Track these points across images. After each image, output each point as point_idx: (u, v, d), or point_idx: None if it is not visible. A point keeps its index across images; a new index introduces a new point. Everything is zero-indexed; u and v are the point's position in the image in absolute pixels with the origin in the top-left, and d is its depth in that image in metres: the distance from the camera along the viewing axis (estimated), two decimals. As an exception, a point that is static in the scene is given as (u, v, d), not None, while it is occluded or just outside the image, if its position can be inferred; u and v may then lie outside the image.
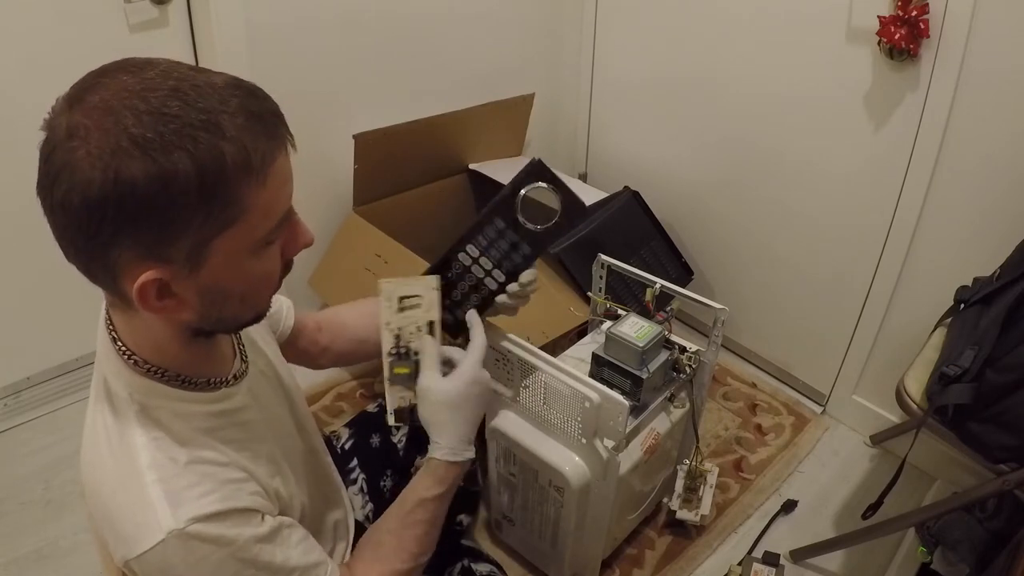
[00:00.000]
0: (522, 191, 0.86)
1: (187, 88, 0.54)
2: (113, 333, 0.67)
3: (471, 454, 0.85)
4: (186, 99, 0.53)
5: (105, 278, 0.58)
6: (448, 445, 0.83)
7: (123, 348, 0.66)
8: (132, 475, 0.62)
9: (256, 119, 0.56)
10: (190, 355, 0.68)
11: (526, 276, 0.90)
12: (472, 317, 0.90)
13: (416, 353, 0.87)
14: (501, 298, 0.92)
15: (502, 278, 0.90)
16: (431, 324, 0.87)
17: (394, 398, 0.88)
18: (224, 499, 0.64)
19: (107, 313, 0.68)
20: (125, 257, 0.56)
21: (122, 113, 0.52)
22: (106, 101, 0.52)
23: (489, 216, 0.88)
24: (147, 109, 0.52)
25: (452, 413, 0.83)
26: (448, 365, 0.86)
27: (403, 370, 0.87)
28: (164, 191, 0.52)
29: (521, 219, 0.87)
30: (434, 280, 0.87)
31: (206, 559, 0.62)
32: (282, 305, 0.97)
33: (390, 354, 0.87)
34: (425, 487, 0.82)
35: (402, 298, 0.87)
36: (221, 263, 0.59)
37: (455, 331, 0.94)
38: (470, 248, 0.89)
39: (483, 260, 0.89)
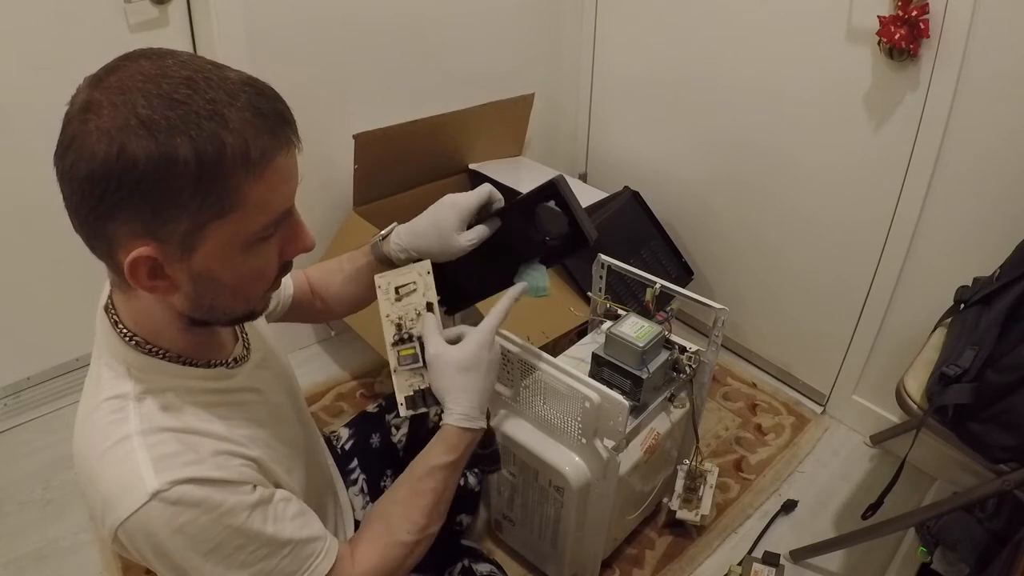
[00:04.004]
0: (540, 205, 0.87)
1: (200, 79, 0.56)
2: (115, 316, 0.68)
3: (483, 424, 0.84)
4: (197, 88, 0.55)
5: (104, 249, 0.60)
6: (461, 411, 0.82)
7: (124, 330, 0.67)
8: (121, 440, 0.63)
9: (261, 116, 0.58)
10: (189, 338, 0.69)
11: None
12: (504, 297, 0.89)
13: (420, 335, 0.87)
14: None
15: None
16: (429, 304, 0.87)
17: (403, 385, 0.87)
18: (213, 468, 0.64)
19: (109, 299, 0.69)
20: (122, 231, 0.57)
21: (135, 94, 0.54)
22: (123, 82, 0.55)
23: (506, 220, 0.88)
24: (158, 93, 0.54)
25: (465, 377, 0.82)
26: (458, 341, 0.86)
27: (409, 351, 0.87)
28: (163, 172, 0.54)
29: (535, 227, 0.87)
30: (426, 264, 0.88)
31: (190, 524, 0.61)
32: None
33: (394, 342, 0.87)
34: (437, 454, 0.81)
35: (398, 288, 0.88)
36: (214, 251, 0.60)
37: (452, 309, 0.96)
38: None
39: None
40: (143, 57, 0.57)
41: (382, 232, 0.92)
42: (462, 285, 0.94)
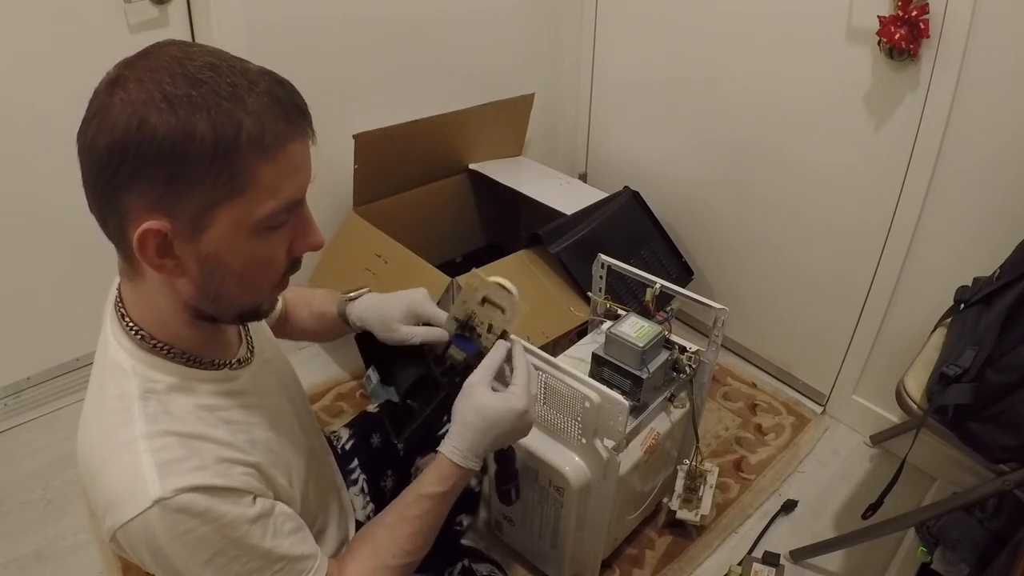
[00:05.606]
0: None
1: (223, 66, 0.59)
2: (122, 309, 0.68)
3: (476, 467, 0.83)
4: (219, 72, 0.58)
5: (116, 226, 0.61)
6: (460, 448, 0.81)
7: (130, 324, 0.67)
8: (126, 443, 0.63)
9: (278, 103, 0.61)
10: (194, 334, 0.69)
11: None
12: (516, 344, 0.89)
13: (484, 347, 0.88)
14: None
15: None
16: (504, 333, 0.88)
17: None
18: (216, 475, 0.64)
19: (118, 292, 0.70)
20: (135, 204, 0.58)
21: (161, 72, 0.57)
22: (151, 62, 0.58)
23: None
24: (183, 73, 0.57)
25: (481, 424, 0.81)
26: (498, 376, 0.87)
27: (460, 356, 0.89)
28: (180, 146, 0.56)
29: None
30: (521, 306, 0.88)
31: (190, 533, 0.61)
32: None
33: (456, 334, 0.90)
34: (427, 483, 0.81)
35: (485, 299, 0.89)
36: (223, 234, 0.61)
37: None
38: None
39: None
40: (173, 44, 0.60)
41: (351, 293, 0.98)
42: (385, 365, 0.97)
